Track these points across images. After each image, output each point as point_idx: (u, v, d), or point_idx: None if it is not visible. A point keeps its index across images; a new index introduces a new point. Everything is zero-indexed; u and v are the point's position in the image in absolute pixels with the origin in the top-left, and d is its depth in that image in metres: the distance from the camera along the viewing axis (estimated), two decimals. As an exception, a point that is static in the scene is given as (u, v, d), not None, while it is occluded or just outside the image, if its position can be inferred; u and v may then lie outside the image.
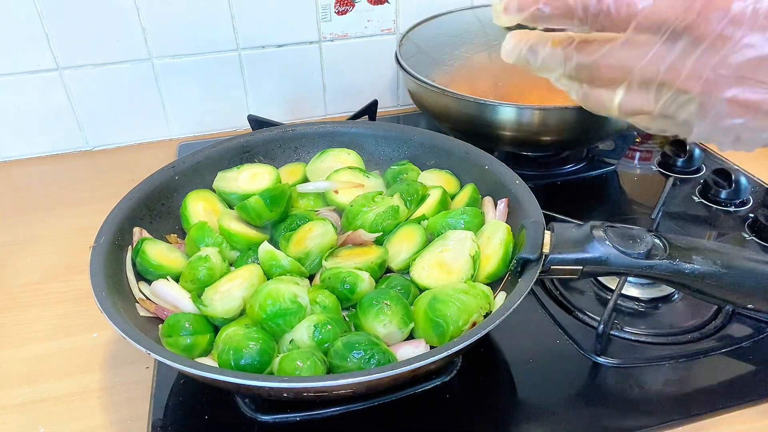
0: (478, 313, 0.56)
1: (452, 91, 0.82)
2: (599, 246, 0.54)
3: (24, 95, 0.97)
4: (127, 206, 0.65)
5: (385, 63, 1.09)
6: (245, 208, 0.67)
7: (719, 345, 0.64)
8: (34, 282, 0.76)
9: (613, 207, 0.89)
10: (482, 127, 0.84)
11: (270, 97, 1.08)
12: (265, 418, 0.57)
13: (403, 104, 1.16)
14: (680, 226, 0.83)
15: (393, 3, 1.04)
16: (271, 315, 0.55)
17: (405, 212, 0.70)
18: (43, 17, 0.91)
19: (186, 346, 0.56)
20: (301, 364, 0.51)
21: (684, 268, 0.54)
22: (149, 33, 0.97)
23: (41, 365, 0.65)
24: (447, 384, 0.60)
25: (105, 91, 1.00)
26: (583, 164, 0.96)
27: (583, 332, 0.66)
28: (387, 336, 0.56)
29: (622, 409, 0.58)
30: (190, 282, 0.61)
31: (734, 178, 0.84)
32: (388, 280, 0.62)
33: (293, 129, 0.80)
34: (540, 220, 0.60)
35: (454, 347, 0.48)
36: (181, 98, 1.04)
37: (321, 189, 0.74)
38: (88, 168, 1.00)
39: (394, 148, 0.80)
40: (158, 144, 1.06)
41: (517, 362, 0.63)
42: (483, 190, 0.72)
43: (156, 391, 0.61)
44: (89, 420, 0.59)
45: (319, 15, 1.02)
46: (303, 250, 0.64)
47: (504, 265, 0.61)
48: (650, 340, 0.65)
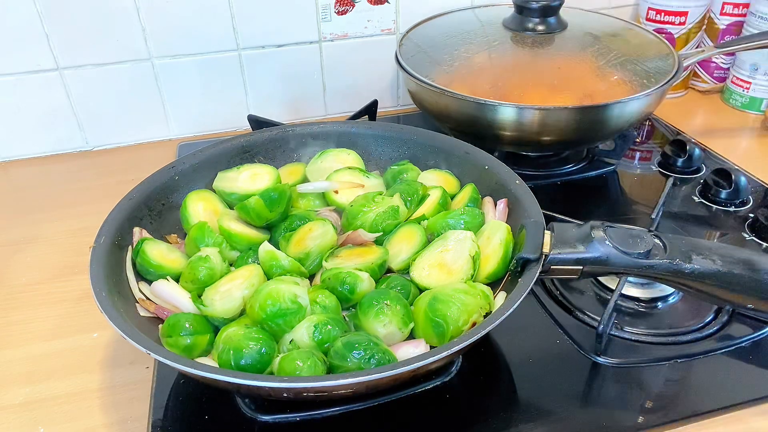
0: (478, 313, 0.56)
1: (452, 91, 0.82)
2: (599, 246, 0.54)
3: (24, 95, 0.97)
4: (127, 206, 0.65)
5: (385, 63, 1.09)
6: (245, 209, 0.67)
7: (719, 345, 0.64)
8: (34, 282, 0.76)
9: (613, 207, 0.89)
10: (482, 127, 0.84)
11: (270, 97, 1.08)
12: (265, 418, 0.57)
13: (403, 104, 1.16)
14: (680, 226, 0.83)
15: (393, 3, 1.04)
16: (271, 315, 0.55)
17: (405, 212, 0.70)
18: (43, 17, 0.91)
19: (186, 346, 0.56)
20: (301, 364, 0.51)
21: (684, 268, 0.54)
22: (149, 33, 0.97)
23: (41, 365, 0.65)
24: (447, 384, 0.60)
25: (105, 91, 1.00)
26: (583, 164, 0.96)
27: (583, 332, 0.66)
28: (387, 336, 0.56)
29: (622, 409, 0.58)
30: (190, 282, 0.61)
31: (734, 178, 0.85)
32: (388, 280, 0.62)
33: (293, 129, 0.80)
34: (540, 220, 0.60)
35: (454, 347, 0.48)
36: (181, 98, 1.04)
37: (321, 189, 0.74)
38: (88, 168, 1.00)
39: (394, 148, 0.80)
40: (158, 144, 1.06)
41: (517, 362, 0.63)
42: (483, 190, 0.72)
43: (156, 391, 0.61)
44: (89, 420, 0.59)
45: (319, 15, 1.02)
46: (303, 251, 0.64)
47: (504, 265, 0.61)
48: (650, 340, 0.65)
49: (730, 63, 1.13)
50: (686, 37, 1.10)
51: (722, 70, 1.15)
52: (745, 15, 1.08)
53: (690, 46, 1.10)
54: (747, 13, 1.07)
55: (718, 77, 1.16)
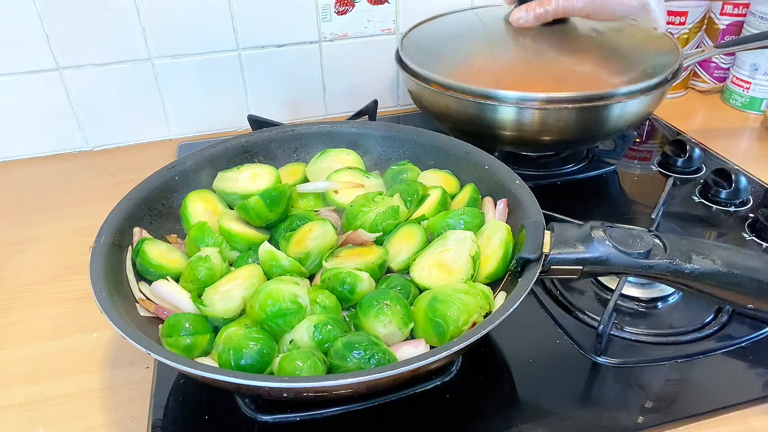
0: (478, 313, 0.56)
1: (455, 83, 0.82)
2: (599, 246, 0.54)
3: (24, 95, 0.97)
4: (127, 206, 0.65)
5: (385, 63, 1.09)
6: (245, 209, 0.67)
7: (719, 345, 0.64)
8: (34, 282, 0.76)
9: (613, 207, 0.89)
10: (482, 127, 0.84)
11: (270, 97, 1.08)
12: (265, 418, 0.57)
13: (403, 104, 1.16)
14: (680, 226, 0.83)
15: (393, 3, 1.04)
16: (271, 315, 0.55)
17: (405, 212, 0.70)
18: (43, 17, 0.91)
19: (186, 346, 0.56)
20: (301, 364, 0.51)
21: (684, 268, 0.54)
22: (149, 33, 0.97)
23: (41, 365, 0.65)
24: (447, 384, 0.60)
25: (105, 91, 1.00)
26: (583, 164, 0.96)
27: (583, 332, 0.66)
28: (387, 336, 0.56)
29: (622, 409, 0.58)
30: (190, 282, 0.61)
31: (734, 178, 0.84)
32: (388, 280, 0.62)
33: (293, 129, 0.80)
34: (540, 220, 0.60)
35: (454, 347, 0.48)
36: (181, 98, 1.04)
37: (321, 189, 0.74)
38: (88, 168, 1.00)
39: (394, 148, 0.80)
40: (158, 144, 1.06)
41: (517, 362, 0.63)
42: (483, 190, 0.72)
43: (156, 391, 0.61)
44: (89, 420, 0.59)
45: (319, 15, 1.02)
46: (303, 251, 0.64)
47: (504, 265, 0.61)
48: (650, 340, 0.65)
49: (730, 63, 1.13)
50: (686, 37, 1.10)
51: (722, 70, 1.15)
52: (745, 15, 1.08)
53: (690, 46, 1.11)
54: (747, 13, 1.07)
55: (718, 77, 1.16)
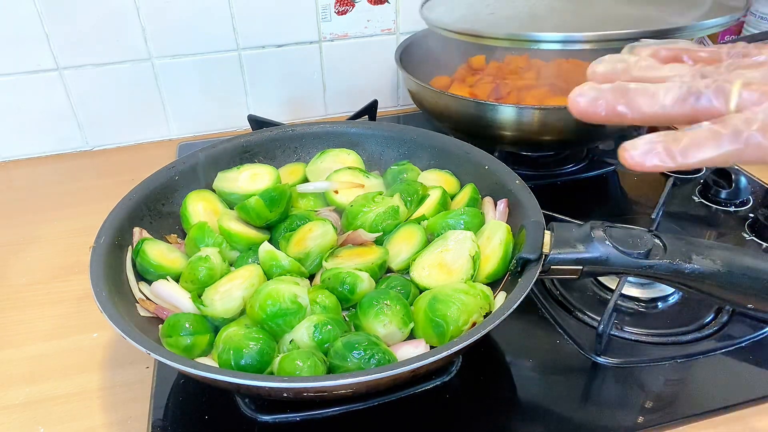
0: (478, 313, 0.56)
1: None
2: (599, 246, 0.54)
3: (24, 95, 0.97)
4: (127, 206, 0.65)
5: (385, 63, 1.09)
6: (245, 209, 0.67)
7: (719, 345, 0.64)
8: (34, 282, 0.76)
9: (613, 207, 0.89)
10: (482, 127, 0.84)
11: (270, 97, 1.08)
12: (265, 418, 0.57)
13: (403, 104, 1.16)
14: (680, 226, 0.83)
15: (393, 3, 1.04)
16: (271, 315, 0.55)
17: (405, 212, 0.70)
18: (43, 17, 0.91)
19: (186, 346, 0.56)
20: (301, 364, 0.51)
21: (684, 268, 0.54)
22: (149, 33, 0.97)
23: (41, 365, 0.65)
24: (447, 384, 0.60)
25: (105, 91, 1.00)
26: (583, 164, 0.95)
27: (583, 332, 0.66)
28: (387, 336, 0.56)
29: (622, 409, 0.58)
30: (190, 282, 0.61)
31: (734, 178, 0.84)
32: (388, 280, 0.62)
33: (293, 129, 0.80)
34: (540, 220, 0.60)
35: (454, 347, 0.48)
36: (181, 98, 1.04)
37: (321, 189, 0.74)
38: (88, 168, 1.00)
39: (394, 148, 0.80)
40: (158, 144, 1.06)
41: (517, 362, 0.63)
42: (483, 190, 0.72)
43: (156, 391, 0.61)
44: (89, 420, 0.59)
45: (319, 15, 1.02)
46: (303, 251, 0.64)
47: (504, 265, 0.61)
48: (650, 340, 0.65)
49: (730, 63, 1.13)
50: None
51: (722, 70, 1.15)
52: (745, 15, 1.08)
53: (690, 46, 1.10)
54: (747, 13, 1.07)
55: (718, 77, 1.16)
